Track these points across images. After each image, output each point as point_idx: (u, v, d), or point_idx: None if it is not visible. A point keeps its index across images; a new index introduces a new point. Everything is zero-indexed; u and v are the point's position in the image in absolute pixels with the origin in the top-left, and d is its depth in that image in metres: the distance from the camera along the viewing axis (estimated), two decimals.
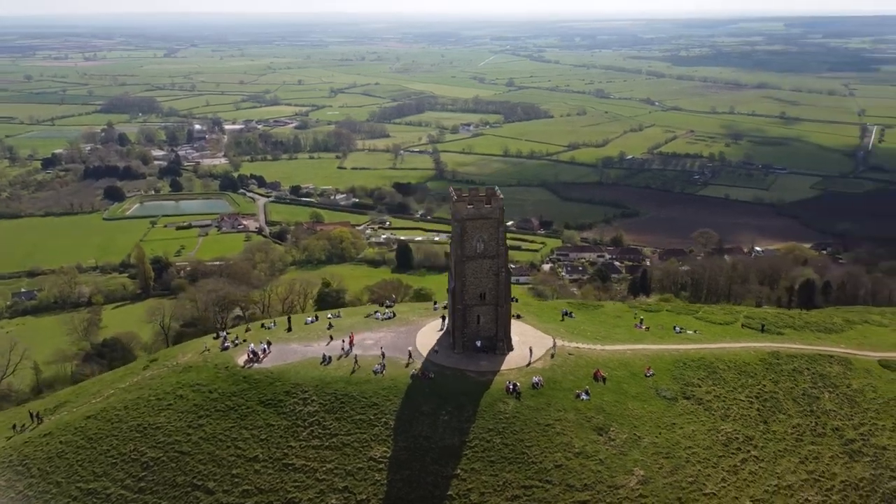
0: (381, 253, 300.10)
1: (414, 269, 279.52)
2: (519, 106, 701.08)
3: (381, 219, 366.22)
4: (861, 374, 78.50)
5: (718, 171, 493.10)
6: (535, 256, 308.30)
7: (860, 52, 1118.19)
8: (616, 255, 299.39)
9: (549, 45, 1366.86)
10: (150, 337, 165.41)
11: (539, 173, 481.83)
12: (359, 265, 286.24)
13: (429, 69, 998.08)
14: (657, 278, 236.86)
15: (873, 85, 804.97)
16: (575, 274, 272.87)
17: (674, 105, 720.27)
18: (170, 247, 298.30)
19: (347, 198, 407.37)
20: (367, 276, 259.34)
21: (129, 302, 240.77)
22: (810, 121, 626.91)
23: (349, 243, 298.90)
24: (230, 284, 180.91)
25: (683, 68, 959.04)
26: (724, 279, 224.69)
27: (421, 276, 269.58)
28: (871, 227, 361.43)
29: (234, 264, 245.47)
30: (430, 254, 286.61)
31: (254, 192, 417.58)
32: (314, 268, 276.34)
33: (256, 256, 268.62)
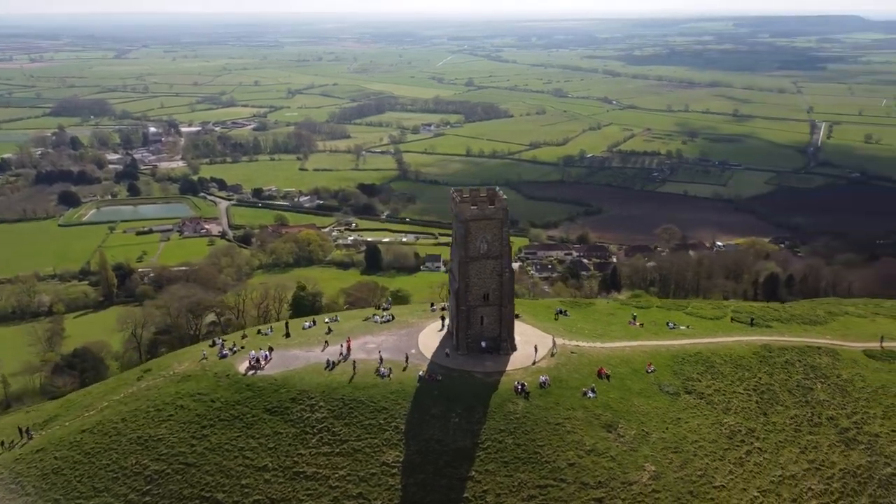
0: (350, 255, 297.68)
1: (384, 270, 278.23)
2: (479, 106, 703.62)
3: (346, 220, 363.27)
4: (849, 365, 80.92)
5: (676, 168, 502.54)
6: None
7: (806, 50, 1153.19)
8: (583, 252, 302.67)
9: (506, 44, 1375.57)
10: (120, 346, 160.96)
11: (502, 173, 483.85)
12: (327, 268, 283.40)
13: (387, 69, 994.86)
14: (626, 275, 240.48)
15: (820, 83, 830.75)
16: (544, 272, 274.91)
17: (630, 104, 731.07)
18: (131, 253, 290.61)
19: (311, 200, 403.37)
20: (337, 278, 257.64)
21: (92, 310, 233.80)
22: (762, 118, 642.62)
23: (317, 246, 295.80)
24: (201, 290, 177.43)
25: (638, 67, 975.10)
26: (690, 274, 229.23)
27: (391, 278, 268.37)
28: (824, 220, 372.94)
29: (199, 269, 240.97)
30: (400, 255, 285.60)
31: (215, 196, 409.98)
32: (282, 271, 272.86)
33: (222, 261, 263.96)
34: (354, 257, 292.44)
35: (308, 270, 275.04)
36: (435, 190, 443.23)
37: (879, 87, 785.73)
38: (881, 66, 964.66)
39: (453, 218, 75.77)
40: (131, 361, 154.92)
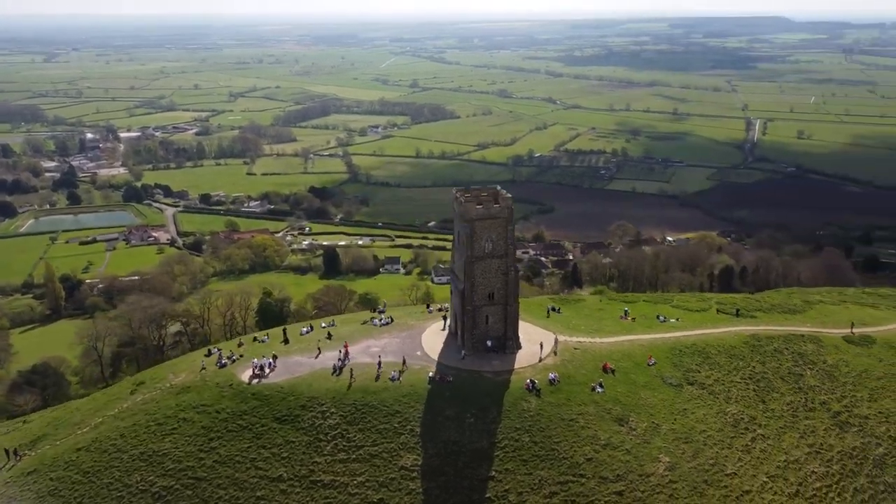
0: (307, 259, 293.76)
1: (343, 274, 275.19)
2: (425, 107, 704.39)
3: (300, 225, 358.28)
4: (832, 351, 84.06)
5: (622, 166, 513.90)
6: None
7: (737, 50, 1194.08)
8: (540, 251, 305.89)
9: (448, 46, 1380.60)
10: (79, 361, 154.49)
11: (453, 173, 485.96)
12: (284, 273, 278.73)
13: (330, 71, 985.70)
14: (586, 271, 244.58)
15: (752, 82, 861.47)
16: None
17: (574, 103, 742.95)
18: (76, 263, 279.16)
19: (262, 204, 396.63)
20: (297, 283, 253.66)
21: (39, 324, 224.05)
22: (699, 116, 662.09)
23: (273, 251, 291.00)
24: (163, 300, 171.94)
25: (579, 68, 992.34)
26: (648, 268, 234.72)
27: (351, 281, 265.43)
28: (765, 213, 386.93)
29: (152, 278, 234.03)
30: (359, 258, 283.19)
31: (160, 203, 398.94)
32: (237, 278, 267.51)
33: (175, 269, 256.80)
34: (312, 261, 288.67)
35: (265, 276, 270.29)
36: (387, 192, 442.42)
37: (807, 86, 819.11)
38: (807, 65, 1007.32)
39: (457, 218, 75.32)
40: (93, 377, 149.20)
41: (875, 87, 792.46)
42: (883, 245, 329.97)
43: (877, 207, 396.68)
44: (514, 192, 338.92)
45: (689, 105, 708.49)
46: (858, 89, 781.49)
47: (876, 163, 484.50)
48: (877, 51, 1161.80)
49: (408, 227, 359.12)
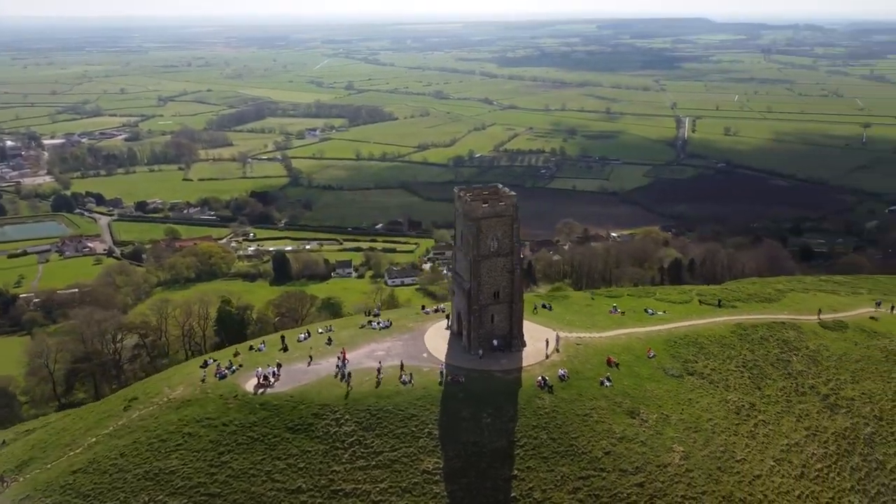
0: (255, 266, 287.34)
1: (293, 279, 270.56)
2: (363, 109, 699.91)
3: (243, 230, 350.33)
4: (811, 336, 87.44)
5: (561, 165, 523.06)
6: (413, 257, 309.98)
7: (663, 51, 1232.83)
8: None
9: (382, 47, 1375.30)
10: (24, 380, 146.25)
11: (396, 175, 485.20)
12: (232, 280, 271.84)
13: (263, 74, 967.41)
14: (540, 269, 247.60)
15: (679, 81, 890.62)
16: None
17: (510, 104, 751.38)
18: (6, 277, 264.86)
19: (202, 211, 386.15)
20: (247, 290, 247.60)
21: None
22: (631, 115, 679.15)
23: (219, 258, 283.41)
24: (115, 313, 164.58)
25: (513, 69, 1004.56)
26: (601, 264, 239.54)
27: (303, 286, 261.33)
28: (701, 208, 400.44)
29: (93, 290, 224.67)
30: (309, 263, 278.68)
31: (94, 212, 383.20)
32: (183, 287, 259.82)
33: (118, 280, 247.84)
34: (261, 268, 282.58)
35: (213, 284, 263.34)
36: (330, 195, 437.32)
37: (730, 85, 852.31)
38: (729, 64, 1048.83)
39: (460, 217, 74.64)
40: (44, 396, 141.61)
41: (793, 85, 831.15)
42: (812, 235, 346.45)
43: (802, 200, 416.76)
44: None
45: (620, 105, 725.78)
46: (778, 87, 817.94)
47: (797, 158, 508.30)
48: (792, 50, 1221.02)
49: (355, 230, 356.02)
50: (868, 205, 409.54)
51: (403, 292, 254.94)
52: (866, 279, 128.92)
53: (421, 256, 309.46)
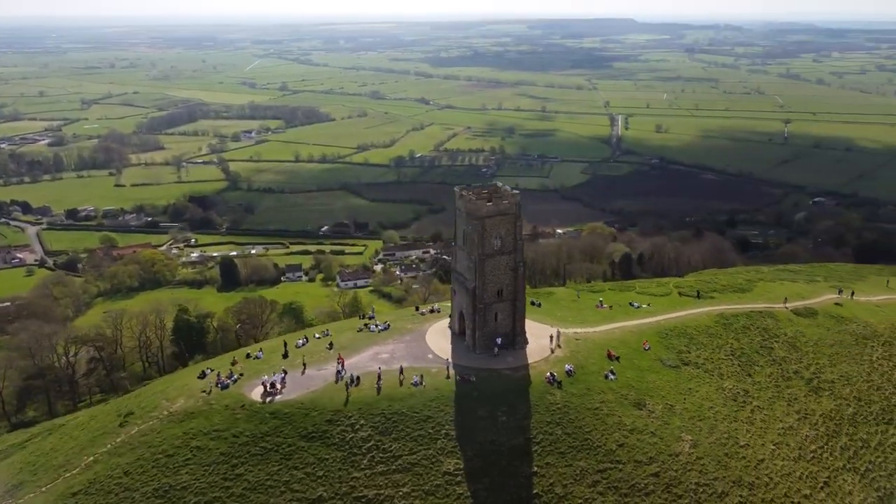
0: (200, 272, 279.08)
1: (242, 285, 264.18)
2: (299, 110, 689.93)
3: (184, 236, 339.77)
4: (787, 324, 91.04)
5: (502, 164, 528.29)
6: (363, 259, 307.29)
7: (593, 50, 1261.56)
8: (440, 249, 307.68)
9: (314, 47, 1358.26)
10: None
11: (337, 176, 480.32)
12: (178, 288, 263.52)
13: (192, 75, 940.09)
14: None
15: (610, 80, 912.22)
16: (410, 272, 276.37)
17: (447, 104, 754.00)
18: None
19: (138, 217, 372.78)
20: (195, 298, 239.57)
21: None
22: (566, 113, 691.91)
23: (162, 266, 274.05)
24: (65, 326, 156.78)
25: (447, 69, 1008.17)
26: (554, 260, 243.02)
27: (252, 292, 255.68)
28: (640, 202, 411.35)
29: (31, 303, 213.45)
30: (258, 268, 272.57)
31: (19, 221, 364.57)
32: (126, 296, 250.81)
33: (55, 291, 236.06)
34: (207, 274, 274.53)
35: (157, 293, 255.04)
36: (271, 198, 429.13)
37: (658, 83, 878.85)
38: (657, 63, 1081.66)
39: (462, 216, 74.21)
40: None
41: (717, 83, 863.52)
42: (745, 227, 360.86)
43: (733, 194, 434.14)
44: (401, 194, 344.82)
45: (555, 104, 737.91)
46: (703, 86, 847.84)
47: (725, 153, 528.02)
48: (714, 50, 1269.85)
49: (301, 233, 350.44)
50: (793, 197, 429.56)
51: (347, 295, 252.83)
52: (820, 267, 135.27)
53: (371, 258, 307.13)
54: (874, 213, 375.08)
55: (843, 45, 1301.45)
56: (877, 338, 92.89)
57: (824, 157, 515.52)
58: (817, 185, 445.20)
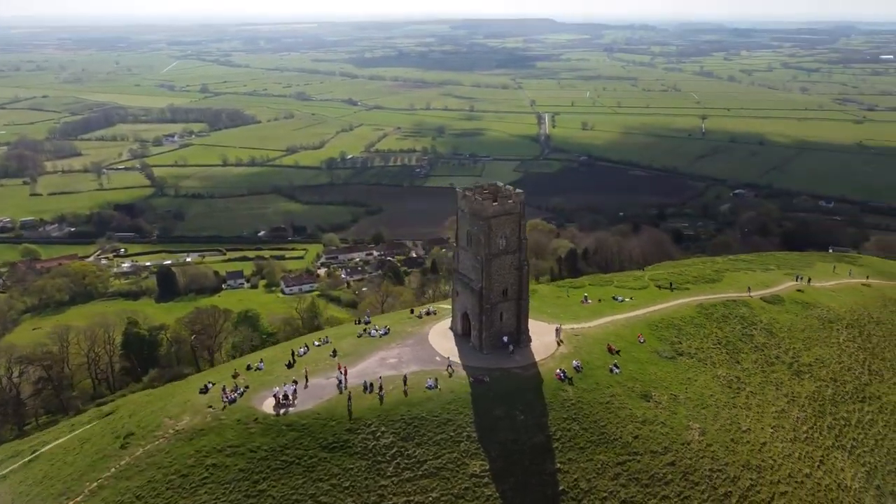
0: (135, 282, 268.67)
1: (181, 294, 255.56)
2: (223, 112, 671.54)
3: (112, 246, 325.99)
4: (760, 311, 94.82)
5: (435, 163, 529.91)
6: (304, 263, 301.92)
7: (516, 50, 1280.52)
8: (384, 251, 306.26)
9: (233, 48, 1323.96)
10: None
11: (267, 180, 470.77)
12: (113, 300, 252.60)
13: (105, 78, 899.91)
14: (445, 267, 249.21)
15: (534, 79, 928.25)
16: (356, 275, 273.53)
17: (375, 104, 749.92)
18: None
19: (61, 227, 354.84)
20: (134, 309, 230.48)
21: None
22: (494, 112, 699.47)
23: (94, 277, 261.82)
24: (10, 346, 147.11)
25: (373, 69, 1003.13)
26: None
27: (192, 301, 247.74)
28: (573, 199, 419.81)
29: None
30: (197, 276, 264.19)
31: None
32: (56, 311, 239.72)
33: None
34: (142, 284, 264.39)
35: (91, 306, 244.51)
36: (201, 204, 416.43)
37: (580, 82, 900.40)
38: (578, 63, 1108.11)
39: (467, 216, 73.59)
40: None
41: (636, 81, 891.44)
42: (675, 220, 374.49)
43: (659, 188, 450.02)
44: (336, 196, 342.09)
45: (482, 103, 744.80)
46: (623, 84, 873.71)
47: (648, 149, 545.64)
48: (631, 49, 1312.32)
49: (237, 238, 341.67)
50: (715, 190, 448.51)
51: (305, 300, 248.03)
52: (770, 256, 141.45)
53: (313, 262, 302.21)
54: (789, 204, 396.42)
55: (750, 44, 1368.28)
56: (840, 321, 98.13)
57: (740, 151, 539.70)
58: (736, 178, 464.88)
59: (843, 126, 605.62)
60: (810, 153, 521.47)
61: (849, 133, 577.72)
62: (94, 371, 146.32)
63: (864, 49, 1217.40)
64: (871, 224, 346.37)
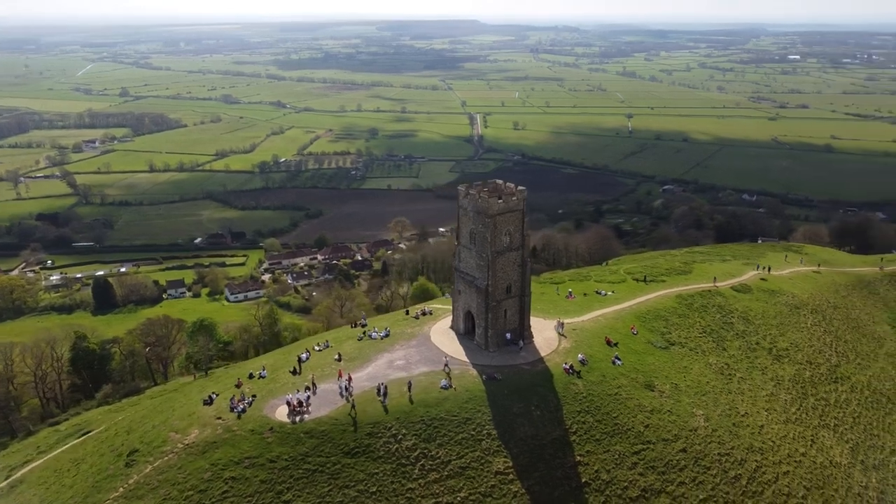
0: (68, 295, 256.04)
1: (119, 306, 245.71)
2: (146, 117, 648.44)
3: (37, 258, 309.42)
4: (733, 300, 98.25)
5: (370, 165, 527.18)
6: (247, 270, 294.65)
7: (443, 51, 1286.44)
8: (328, 255, 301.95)
9: (152, 50, 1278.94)
10: None
11: (199, 185, 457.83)
12: (45, 315, 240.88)
13: (14, 82, 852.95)
14: (395, 269, 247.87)
15: (463, 80, 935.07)
16: (302, 280, 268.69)
17: (305, 106, 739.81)
18: None
19: None
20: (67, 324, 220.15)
21: None
22: (426, 113, 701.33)
23: (23, 292, 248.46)
24: None
25: (300, 71, 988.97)
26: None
27: (132, 313, 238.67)
28: None
29: None
30: (136, 286, 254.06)
31: None
32: None
33: None
34: (76, 297, 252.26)
35: (22, 323, 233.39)
36: (131, 212, 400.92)
37: (508, 83, 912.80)
38: (505, 63, 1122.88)
39: (471, 214, 72.98)
40: None
41: (563, 82, 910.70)
42: (611, 216, 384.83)
43: (592, 185, 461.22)
44: (272, 200, 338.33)
45: (413, 104, 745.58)
46: (551, 84, 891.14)
47: (578, 147, 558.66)
48: (556, 50, 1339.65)
49: (173, 246, 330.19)
50: (645, 186, 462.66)
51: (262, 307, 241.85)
52: (726, 248, 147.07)
53: (256, 268, 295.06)
54: (715, 198, 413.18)
55: (668, 45, 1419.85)
56: (805, 307, 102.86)
57: (665, 148, 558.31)
58: (663, 175, 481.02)
59: (758, 123, 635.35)
60: (730, 149, 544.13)
61: (764, 130, 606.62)
62: (41, 390, 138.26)
63: (773, 50, 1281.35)
64: (792, 216, 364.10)
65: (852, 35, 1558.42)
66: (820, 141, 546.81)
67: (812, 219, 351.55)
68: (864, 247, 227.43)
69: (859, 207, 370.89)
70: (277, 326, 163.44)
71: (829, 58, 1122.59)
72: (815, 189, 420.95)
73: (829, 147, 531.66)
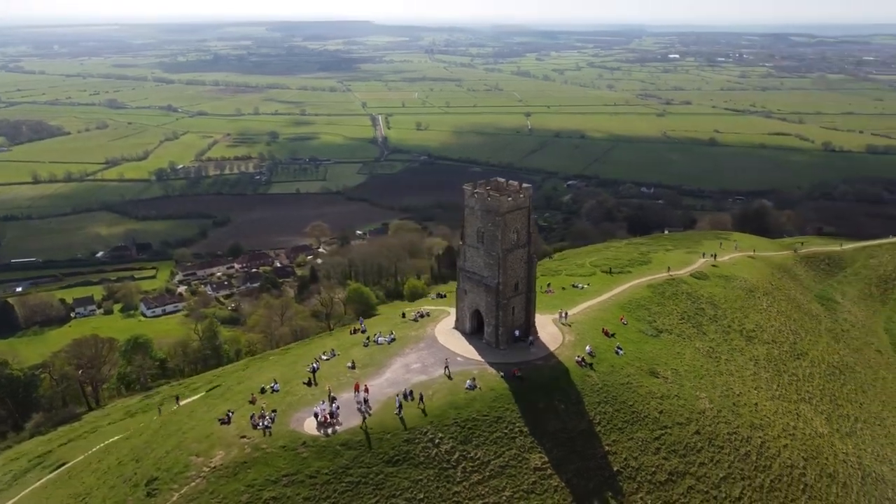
0: None
1: (23, 328, 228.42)
2: (23, 124, 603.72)
3: None
4: (697, 287, 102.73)
5: (274, 169, 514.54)
6: (159, 283, 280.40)
7: (338, 52, 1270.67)
8: (245, 263, 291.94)
9: (22, 53, 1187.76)
10: None
11: (93, 196, 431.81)
12: None
13: None
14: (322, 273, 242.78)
15: (361, 81, 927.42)
16: (222, 290, 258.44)
17: (198, 110, 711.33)
18: None
19: None
20: None
21: None
22: (326, 115, 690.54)
23: None
24: None
25: (188, 74, 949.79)
26: (384, 260, 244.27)
27: (37, 335, 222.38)
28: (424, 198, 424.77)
29: None
30: (41, 306, 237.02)
31: None
32: None
33: None
34: None
35: None
36: (18, 227, 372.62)
37: (406, 84, 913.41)
38: (401, 64, 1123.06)
39: (479, 213, 71.88)
40: None
41: (461, 82, 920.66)
42: None
43: None
44: (174, 209, 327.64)
45: (312, 107, 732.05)
46: (449, 85, 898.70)
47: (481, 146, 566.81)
48: (451, 50, 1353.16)
49: (73, 262, 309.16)
50: (550, 182, 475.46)
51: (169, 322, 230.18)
52: (666, 238, 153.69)
53: (169, 280, 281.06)
54: (617, 191, 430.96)
55: (557, 46, 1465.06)
56: (757, 290, 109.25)
57: (564, 145, 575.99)
58: (566, 171, 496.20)
59: (648, 119, 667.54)
60: (625, 145, 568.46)
61: (653, 125, 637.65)
62: None
63: (655, 49, 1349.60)
64: (690, 206, 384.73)
65: (724, 35, 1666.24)
66: (704, 135, 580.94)
67: (707, 208, 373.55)
68: (762, 231, 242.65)
69: (746, 196, 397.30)
70: (218, 340, 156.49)
71: (705, 57, 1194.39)
72: (704, 181, 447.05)
73: (713, 140, 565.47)
